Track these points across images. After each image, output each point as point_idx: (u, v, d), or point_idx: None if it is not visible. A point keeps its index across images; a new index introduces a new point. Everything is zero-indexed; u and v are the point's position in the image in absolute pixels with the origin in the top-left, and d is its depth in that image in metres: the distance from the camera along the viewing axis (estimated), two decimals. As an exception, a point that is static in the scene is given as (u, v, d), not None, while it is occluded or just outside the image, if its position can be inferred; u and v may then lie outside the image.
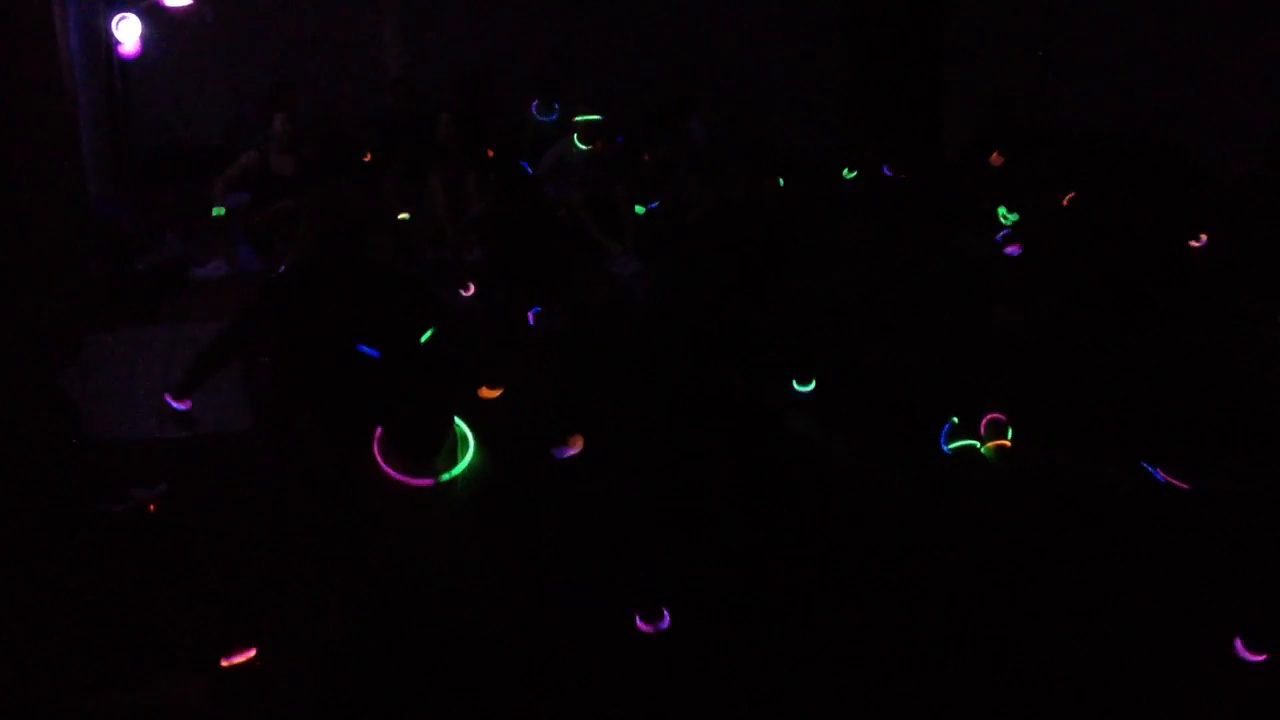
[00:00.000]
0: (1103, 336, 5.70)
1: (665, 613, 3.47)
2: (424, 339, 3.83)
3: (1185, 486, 4.25)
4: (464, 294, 6.43)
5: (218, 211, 7.18)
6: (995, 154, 7.98)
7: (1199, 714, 3.23)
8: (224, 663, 3.30)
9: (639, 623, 3.44)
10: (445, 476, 3.80)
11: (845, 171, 8.29)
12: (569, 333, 6.01)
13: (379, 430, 3.75)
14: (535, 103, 8.85)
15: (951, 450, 4.59)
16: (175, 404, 4.00)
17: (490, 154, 8.20)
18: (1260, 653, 3.32)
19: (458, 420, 3.92)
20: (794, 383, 5.21)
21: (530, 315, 6.15)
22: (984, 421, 4.60)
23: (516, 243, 6.57)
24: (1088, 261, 6.41)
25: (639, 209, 7.86)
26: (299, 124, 7.54)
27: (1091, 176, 7.85)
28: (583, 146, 7.98)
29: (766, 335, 5.87)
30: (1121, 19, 9.17)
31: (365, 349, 3.70)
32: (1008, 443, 4.58)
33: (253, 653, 3.33)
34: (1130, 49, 9.08)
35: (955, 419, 4.60)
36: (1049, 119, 9.49)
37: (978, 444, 4.57)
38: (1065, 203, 7.33)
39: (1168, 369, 5.31)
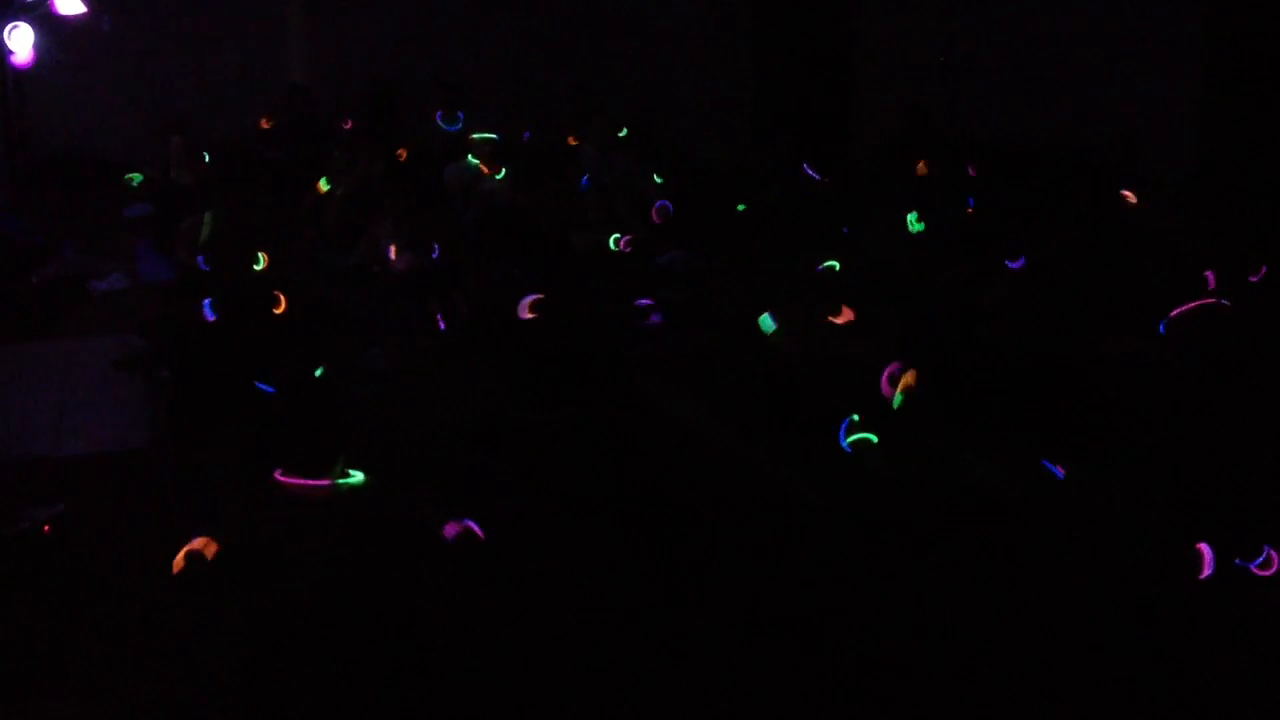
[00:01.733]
0: (1012, 336, 5.79)
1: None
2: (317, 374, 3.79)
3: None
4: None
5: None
6: (921, 164, 8.06)
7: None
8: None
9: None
10: (342, 482, 3.72)
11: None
12: (487, 335, 5.99)
13: (274, 438, 3.69)
14: (440, 112, 8.82)
15: (850, 445, 4.60)
16: None
17: (403, 155, 8.15)
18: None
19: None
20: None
21: (440, 319, 6.13)
22: (885, 374, 4.64)
23: (425, 250, 6.57)
24: (995, 264, 6.51)
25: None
26: (197, 138, 7.44)
27: (996, 183, 7.99)
28: (476, 162, 7.98)
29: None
30: (1023, 25, 9.34)
31: (261, 385, 3.65)
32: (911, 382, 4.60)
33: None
34: (1032, 55, 9.25)
35: (855, 416, 4.63)
36: (954, 126, 9.65)
37: (876, 439, 4.60)
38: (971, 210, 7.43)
39: (1075, 368, 5.41)
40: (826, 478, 4.49)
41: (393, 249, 6.57)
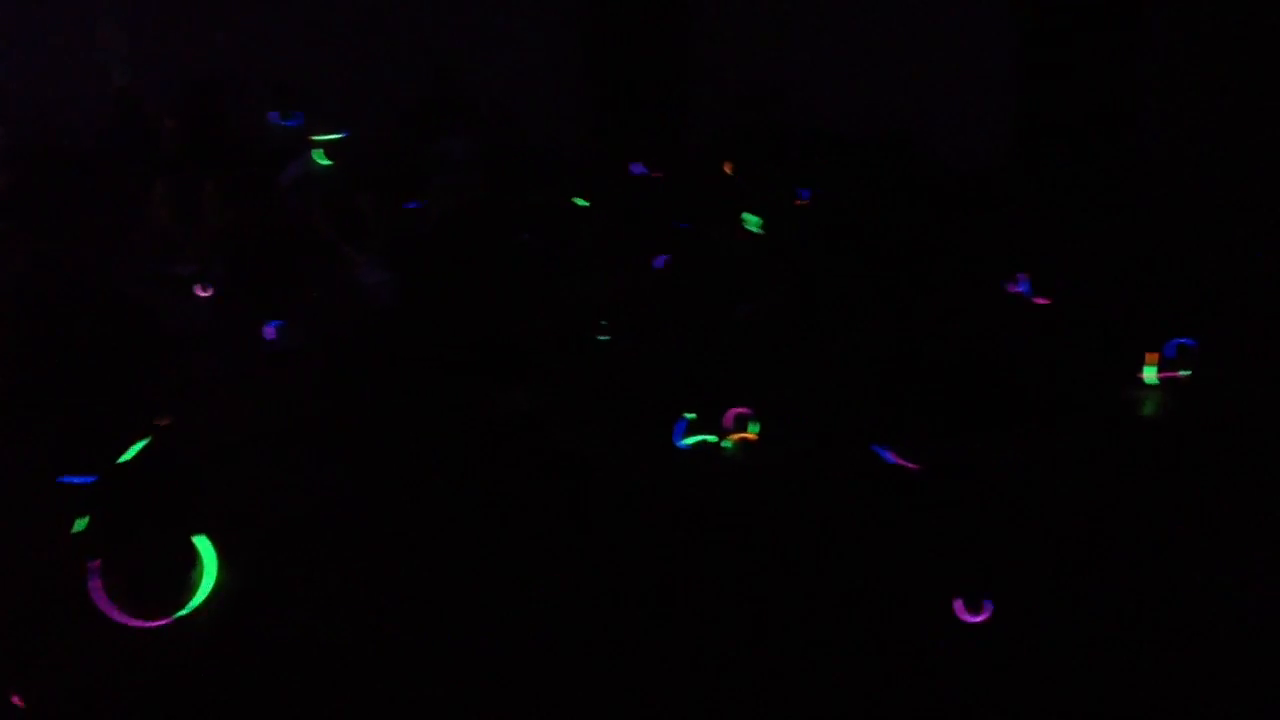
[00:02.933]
0: (839, 326, 5.87)
1: None
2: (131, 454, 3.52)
3: (915, 467, 4.38)
4: (201, 293, 6.20)
5: None
6: (727, 164, 8.13)
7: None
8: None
9: None
10: (185, 610, 3.46)
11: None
12: (311, 346, 5.86)
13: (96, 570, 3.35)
14: (275, 112, 8.62)
15: (688, 446, 4.63)
16: None
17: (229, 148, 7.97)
18: (977, 613, 3.45)
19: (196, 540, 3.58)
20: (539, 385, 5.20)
21: (269, 329, 5.96)
22: (728, 415, 4.66)
23: (257, 255, 6.39)
24: (825, 256, 6.61)
25: None
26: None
27: (829, 174, 8.10)
28: (325, 162, 7.81)
29: (515, 340, 5.87)
30: (856, 17, 9.51)
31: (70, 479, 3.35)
32: (751, 436, 4.63)
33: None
34: (864, 46, 9.43)
35: (692, 414, 4.65)
36: (787, 118, 9.76)
37: (715, 438, 4.62)
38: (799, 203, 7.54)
39: (902, 353, 5.52)
40: (668, 472, 4.51)
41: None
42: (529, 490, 4.38)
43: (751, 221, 7.26)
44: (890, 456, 4.43)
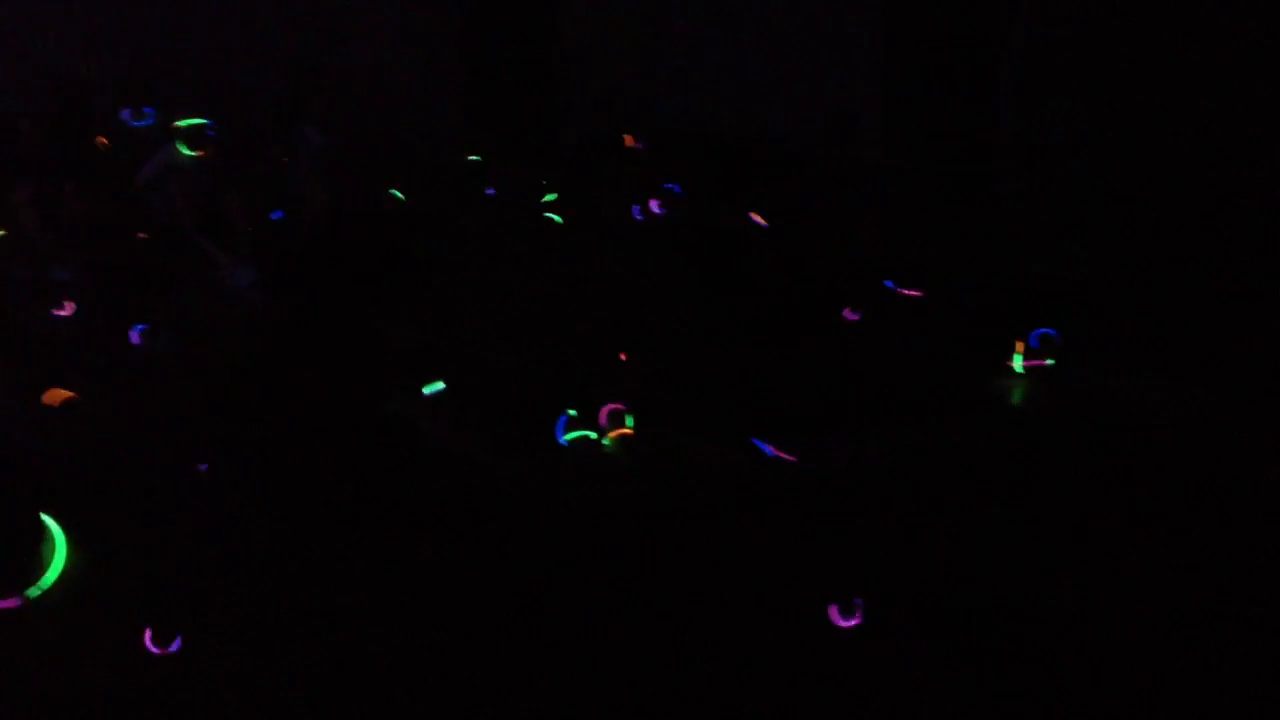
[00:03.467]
0: (715, 322, 5.92)
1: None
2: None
3: (793, 459, 4.43)
4: (59, 314, 5.99)
5: None
6: (628, 137, 8.11)
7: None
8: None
9: None
10: (35, 590, 3.40)
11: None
12: (178, 350, 5.71)
13: None
14: (127, 110, 8.37)
15: (568, 442, 4.62)
16: None
17: (103, 142, 7.71)
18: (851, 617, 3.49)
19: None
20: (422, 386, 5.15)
21: (134, 334, 5.79)
22: (604, 412, 4.67)
23: (119, 256, 6.21)
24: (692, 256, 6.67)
25: None
26: None
27: (692, 173, 8.17)
28: (189, 153, 7.59)
29: (392, 340, 5.81)
30: (720, 16, 9.61)
31: None
32: (629, 430, 4.65)
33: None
34: (727, 45, 9.53)
35: (572, 411, 4.65)
36: (653, 118, 9.83)
37: (595, 435, 4.63)
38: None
39: (778, 349, 5.59)
40: (549, 470, 4.50)
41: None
42: (408, 492, 4.35)
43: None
44: (769, 450, 4.47)
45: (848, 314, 6.20)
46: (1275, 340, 5.34)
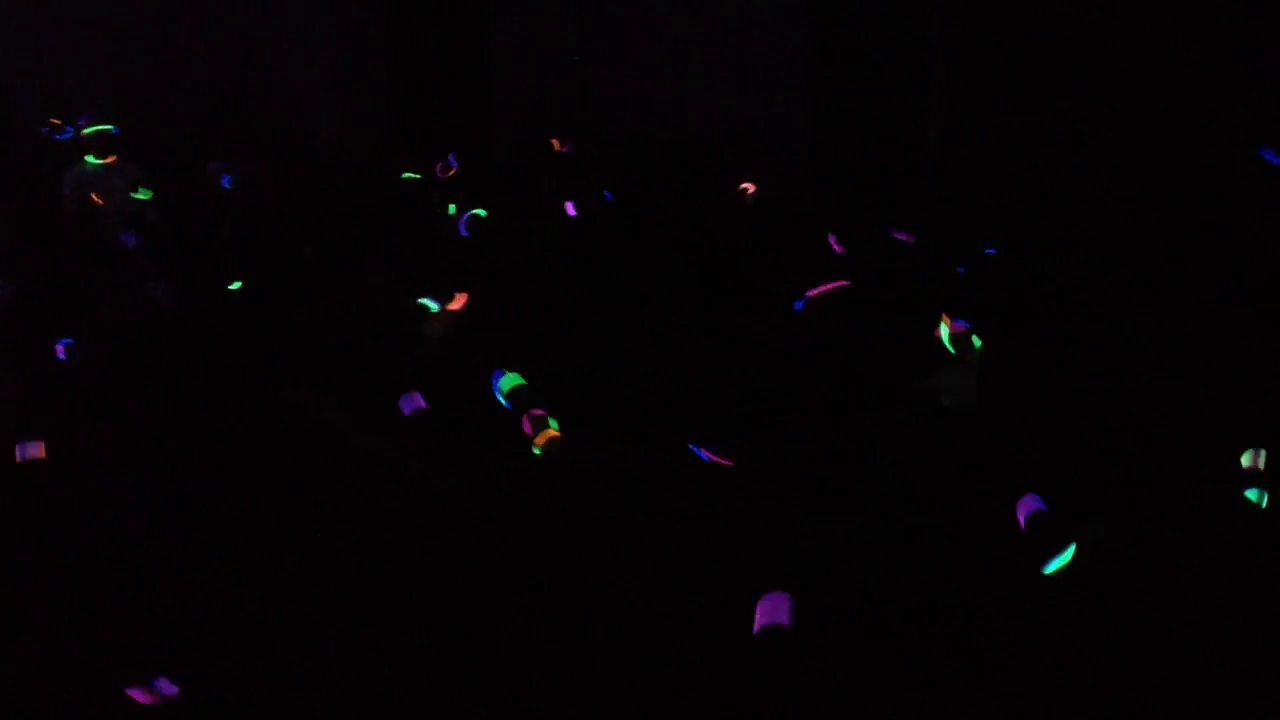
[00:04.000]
0: (652, 324, 5.93)
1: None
2: None
3: (729, 463, 4.43)
4: None
5: None
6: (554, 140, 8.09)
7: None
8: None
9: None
10: None
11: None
12: (107, 360, 5.61)
13: None
14: (45, 128, 8.28)
15: (506, 395, 4.59)
16: None
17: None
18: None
19: None
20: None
21: (60, 347, 5.68)
22: (526, 418, 4.66)
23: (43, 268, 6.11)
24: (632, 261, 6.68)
25: None
26: None
27: (632, 178, 8.17)
28: (97, 161, 7.50)
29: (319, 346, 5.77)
30: (653, 22, 9.62)
31: None
32: (555, 433, 4.63)
33: None
34: (657, 51, 9.55)
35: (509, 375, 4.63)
36: (592, 124, 9.83)
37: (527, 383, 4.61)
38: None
39: (710, 351, 5.60)
40: (470, 471, 4.47)
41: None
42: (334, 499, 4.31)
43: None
44: (706, 455, 4.47)
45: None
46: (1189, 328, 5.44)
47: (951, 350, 5.14)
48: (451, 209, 7.30)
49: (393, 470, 4.48)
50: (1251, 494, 4.15)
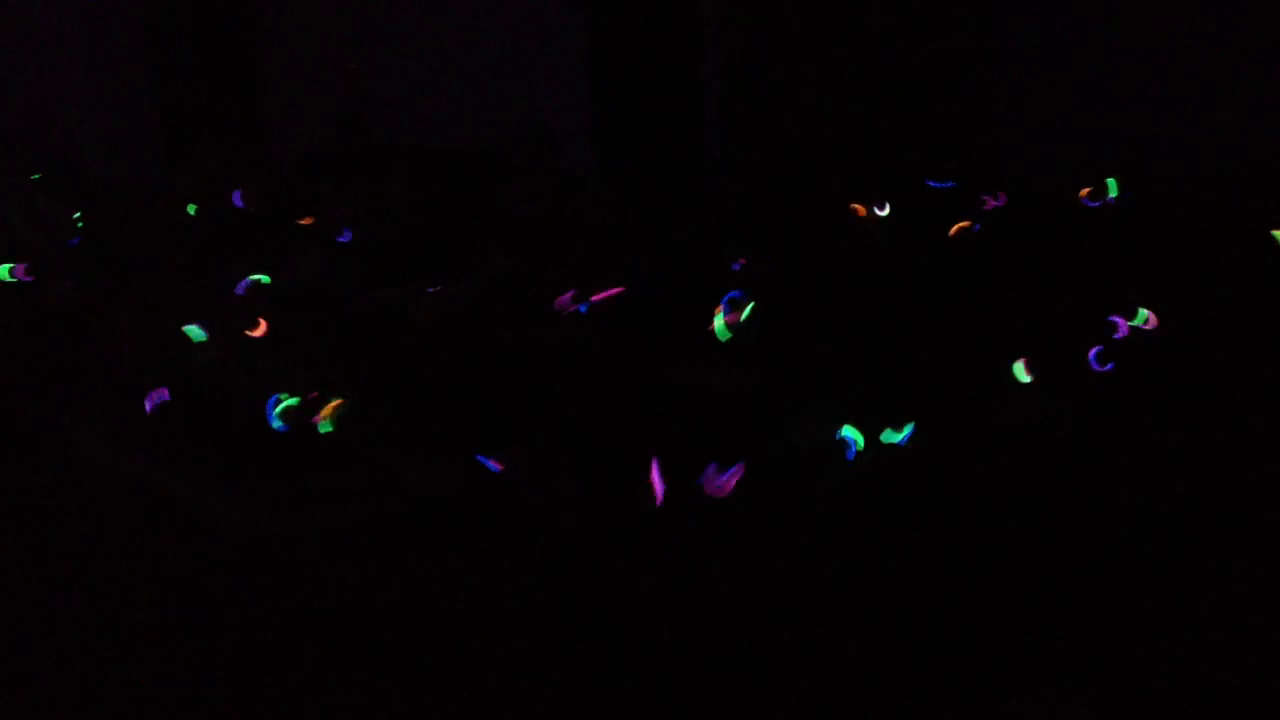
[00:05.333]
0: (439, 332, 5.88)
1: None
2: None
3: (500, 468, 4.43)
4: None
5: None
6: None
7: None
8: None
9: None
10: None
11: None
12: None
13: None
14: None
15: (281, 421, 4.51)
16: None
17: None
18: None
19: None
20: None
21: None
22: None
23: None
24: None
25: None
26: None
27: (413, 185, 8.07)
28: None
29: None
30: (431, 26, 9.52)
31: None
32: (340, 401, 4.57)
33: None
34: (445, 55, 9.46)
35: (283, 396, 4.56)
36: (375, 131, 9.67)
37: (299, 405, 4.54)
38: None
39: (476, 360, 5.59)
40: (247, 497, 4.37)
41: None
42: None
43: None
44: (492, 465, 4.46)
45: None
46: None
47: (723, 339, 5.25)
48: (191, 209, 7.13)
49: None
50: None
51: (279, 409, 4.50)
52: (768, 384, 5.02)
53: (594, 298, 5.88)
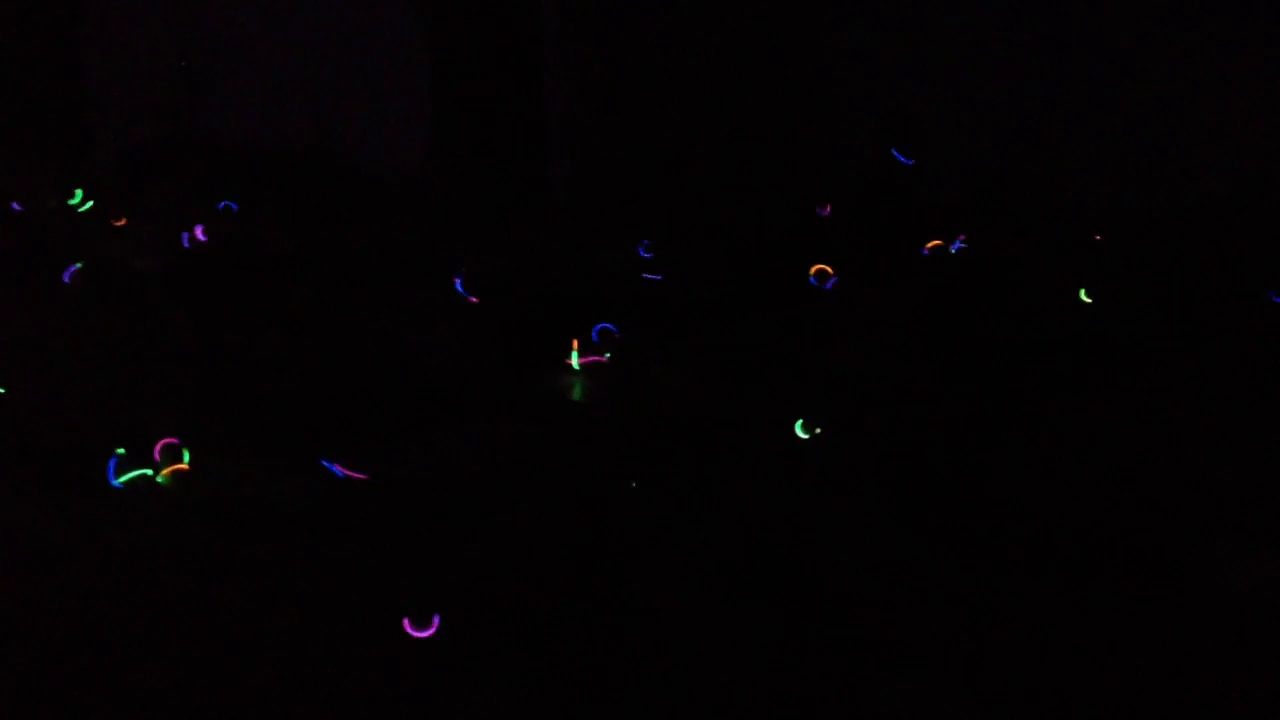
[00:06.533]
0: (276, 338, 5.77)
1: None
2: None
3: (365, 477, 4.35)
4: None
5: None
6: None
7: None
8: None
9: None
10: None
11: None
12: None
13: None
14: None
15: (122, 484, 4.36)
16: None
17: None
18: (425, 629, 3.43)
19: None
20: None
21: None
22: (158, 447, 4.44)
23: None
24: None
25: None
26: None
27: (241, 188, 7.94)
28: None
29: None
30: (264, 29, 9.29)
31: None
32: (184, 466, 4.45)
33: None
34: (276, 57, 9.24)
35: (121, 450, 4.39)
36: (195, 131, 9.43)
37: (150, 472, 4.40)
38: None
39: (340, 363, 5.49)
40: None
41: None
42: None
43: None
44: (339, 470, 4.38)
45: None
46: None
47: (577, 369, 5.31)
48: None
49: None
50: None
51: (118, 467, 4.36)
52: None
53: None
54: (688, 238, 6.95)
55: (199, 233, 6.95)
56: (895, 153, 7.15)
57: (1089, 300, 5.91)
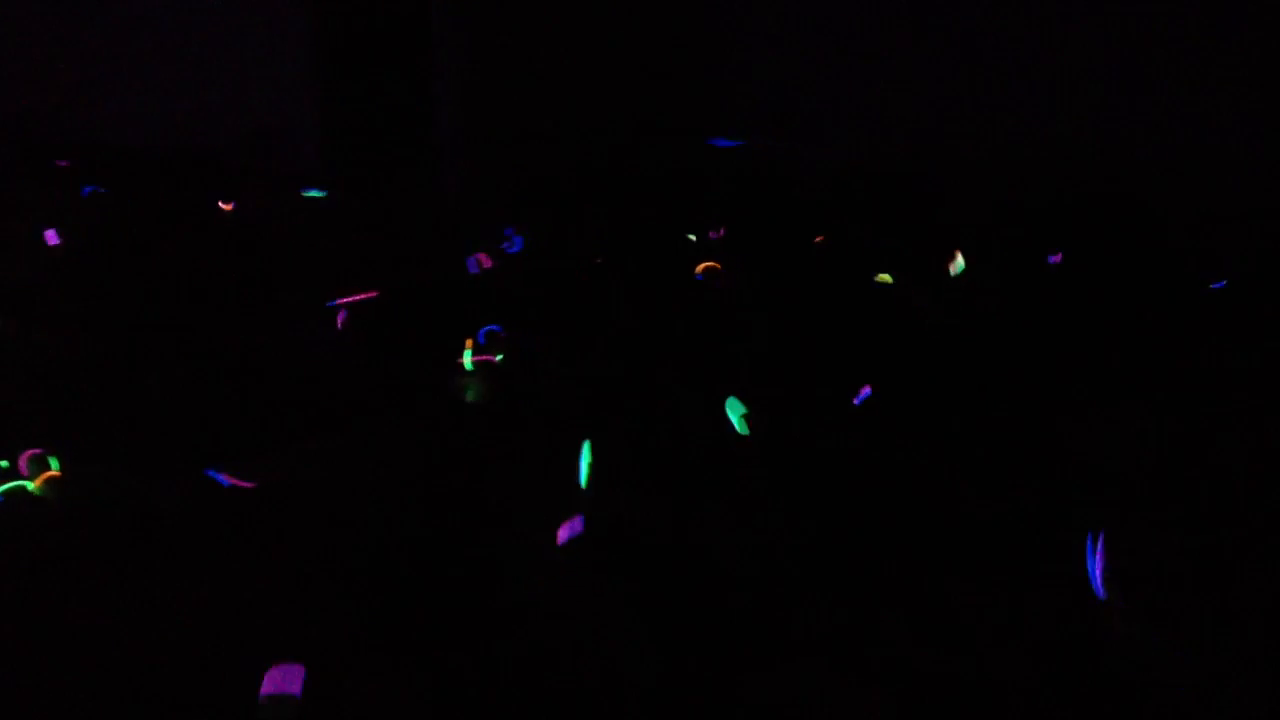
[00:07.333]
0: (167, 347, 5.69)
1: None
2: None
3: (252, 485, 4.31)
4: None
5: None
6: None
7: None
8: None
9: None
10: None
11: None
12: None
13: None
14: None
15: (2, 494, 4.27)
16: None
17: None
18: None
19: None
20: None
21: None
22: (23, 458, 4.35)
23: None
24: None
25: None
26: None
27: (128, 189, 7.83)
28: None
29: None
30: (144, 22, 9.13)
31: None
32: (56, 474, 4.36)
33: None
34: (143, 53, 9.09)
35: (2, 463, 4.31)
36: (65, 134, 9.29)
37: (27, 484, 4.31)
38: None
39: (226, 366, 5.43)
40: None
41: None
42: None
43: None
44: (224, 479, 4.32)
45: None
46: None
47: (470, 369, 5.32)
48: None
49: None
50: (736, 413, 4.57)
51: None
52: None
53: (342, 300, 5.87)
54: (575, 229, 7.00)
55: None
56: (718, 140, 7.25)
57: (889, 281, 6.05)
